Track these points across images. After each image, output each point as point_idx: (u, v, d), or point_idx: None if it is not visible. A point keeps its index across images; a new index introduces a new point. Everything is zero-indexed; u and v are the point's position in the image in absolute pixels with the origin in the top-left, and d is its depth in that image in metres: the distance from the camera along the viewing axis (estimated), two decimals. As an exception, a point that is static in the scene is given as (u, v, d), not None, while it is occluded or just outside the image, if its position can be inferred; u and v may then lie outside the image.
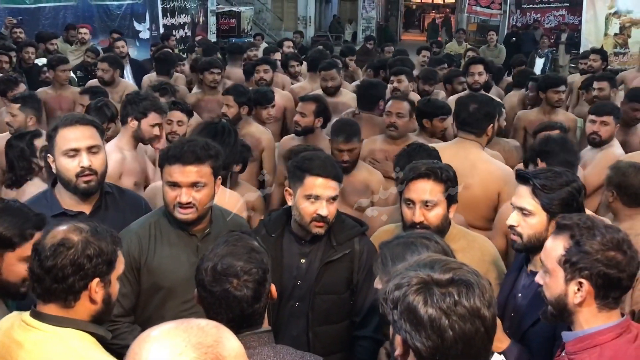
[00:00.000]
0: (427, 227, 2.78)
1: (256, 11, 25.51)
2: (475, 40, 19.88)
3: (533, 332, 2.48)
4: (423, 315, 1.49)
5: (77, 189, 2.88)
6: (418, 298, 1.51)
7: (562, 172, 2.61)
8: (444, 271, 1.56)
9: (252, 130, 5.09)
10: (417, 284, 1.53)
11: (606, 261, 1.95)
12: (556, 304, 2.05)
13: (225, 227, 2.89)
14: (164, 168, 2.74)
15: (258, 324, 2.06)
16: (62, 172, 2.88)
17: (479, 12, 21.48)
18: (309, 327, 2.86)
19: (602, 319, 2.01)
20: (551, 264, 2.05)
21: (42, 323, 1.99)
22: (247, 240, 2.12)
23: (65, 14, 12.34)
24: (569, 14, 17.98)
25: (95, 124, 3.01)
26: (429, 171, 2.81)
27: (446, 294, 1.51)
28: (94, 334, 2.04)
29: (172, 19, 16.11)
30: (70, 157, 2.85)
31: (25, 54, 8.15)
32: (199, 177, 2.70)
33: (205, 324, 1.39)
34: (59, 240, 2.00)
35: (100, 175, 2.94)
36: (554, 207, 2.49)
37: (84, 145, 2.87)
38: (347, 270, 2.88)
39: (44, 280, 1.99)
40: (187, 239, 2.81)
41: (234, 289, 1.97)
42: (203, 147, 2.75)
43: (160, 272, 2.76)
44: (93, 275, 2.01)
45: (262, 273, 2.03)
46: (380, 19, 29.88)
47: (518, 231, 2.57)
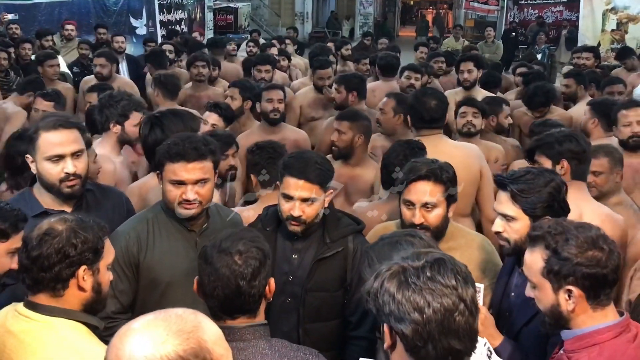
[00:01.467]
0: (427, 227, 2.76)
1: (253, 7, 25.48)
2: (473, 37, 19.87)
3: (526, 330, 2.47)
4: (401, 298, 1.53)
5: (60, 193, 2.84)
6: (394, 281, 1.56)
7: (540, 173, 2.57)
8: (417, 259, 1.61)
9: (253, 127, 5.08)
10: (392, 271, 1.58)
11: (587, 262, 1.94)
12: (551, 314, 2.05)
13: (222, 223, 2.92)
14: (165, 166, 2.71)
15: (253, 311, 2.07)
16: (44, 176, 2.83)
17: (477, 8, 21.50)
18: (299, 324, 2.85)
19: (598, 318, 2.00)
20: (535, 277, 2.04)
21: (35, 313, 2.03)
22: (253, 231, 2.26)
23: (62, 10, 12.29)
24: (566, 10, 17.97)
25: (79, 125, 2.97)
26: (429, 173, 2.78)
27: (420, 272, 1.55)
28: (87, 324, 2.07)
29: (169, 15, 16.09)
30: (54, 162, 2.80)
31: (22, 50, 8.11)
32: (203, 174, 2.70)
33: (182, 312, 1.42)
34: (44, 230, 2.04)
35: (84, 179, 2.90)
36: (535, 210, 2.47)
37: (68, 151, 2.81)
38: (340, 268, 2.86)
39: (32, 270, 2.02)
40: (185, 234, 2.81)
41: (234, 262, 2.01)
42: (203, 142, 2.75)
43: (160, 267, 2.75)
44: (80, 263, 2.03)
45: (263, 256, 2.08)
46: (377, 15, 29.88)
47: (504, 237, 2.56)
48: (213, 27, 19.53)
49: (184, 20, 17.07)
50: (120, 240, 2.72)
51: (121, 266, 2.71)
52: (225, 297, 2.01)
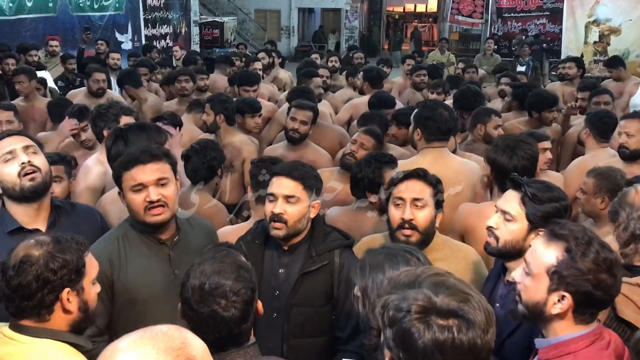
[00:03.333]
0: (415, 226, 2.76)
1: (239, 21, 25.55)
2: (458, 49, 20.02)
3: (510, 342, 2.46)
4: (419, 345, 1.47)
5: (23, 189, 2.79)
6: (417, 326, 1.47)
7: (555, 188, 2.60)
8: (449, 299, 1.51)
9: (234, 140, 5.06)
10: (417, 312, 1.49)
11: (595, 282, 1.93)
12: (532, 308, 2.03)
13: (193, 232, 2.88)
14: (122, 177, 2.69)
15: (244, 341, 2.03)
16: (4, 179, 2.80)
17: (461, 22, 21.65)
18: (283, 340, 2.81)
19: (576, 329, 2.00)
20: (537, 269, 2.00)
21: (20, 335, 1.99)
22: (235, 257, 2.08)
23: (46, 25, 12.24)
24: (549, 22, 18.14)
25: (25, 134, 3.00)
26: (419, 172, 2.84)
27: (445, 328, 1.47)
28: (74, 344, 2.03)
29: (154, 30, 16.09)
30: (7, 161, 2.79)
31: (6, 66, 8.06)
32: (161, 173, 2.69)
33: (167, 329, 1.40)
34: (20, 257, 1.99)
35: (45, 174, 2.86)
36: (537, 218, 2.47)
37: (18, 146, 2.82)
38: (326, 283, 2.82)
39: (14, 299, 1.98)
40: (157, 248, 2.77)
41: (222, 309, 1.94)
42: (155, 147, 2.79)
43: (135, 286, 2.71)
44: (62, 287, 1.99)
45: (251, 292, 2.00)
46: (363, 29, 30.01)
47: (496, 234, 2.56)
48: (199, 42, 19.55)
49: (170, 34, 17.07)
50: None
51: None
52: (216, 339, 1.94)
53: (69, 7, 13.03)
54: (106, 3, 14.28)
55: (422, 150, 3.90)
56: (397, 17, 38.44)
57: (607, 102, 6.04)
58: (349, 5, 28.09)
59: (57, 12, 12.70)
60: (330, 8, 28.76)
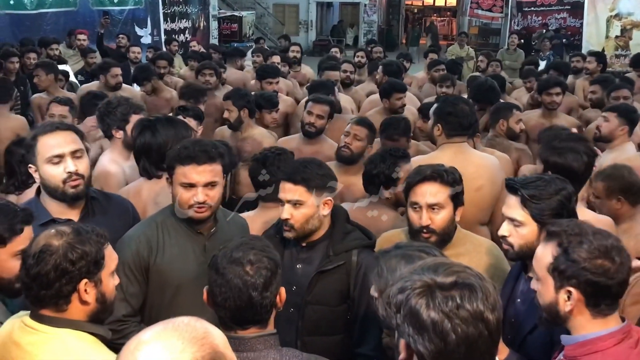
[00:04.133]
0: (433, 230, 2.76)
1: (258, 16, 25.59)
2: (477, 44, 19.89)
3: (532, 338, 2.46)
4: (426, 319, 1.48)
5: (65, 195, 2.83)
6: (421, 301, 1.50)
7: (552, 180, 2.55)
8: (447, 274, 1.54)
9: (254, 134, 5.08)
10: (420, 287, 1.52)
11: (594, 269, 1.93)
12: (548, 310, 2.05)
13: (229, 226, 2.93)
14: (175, 169, 2.73)
15: (264, 321, 2.06)
16: (47, 179, 2.83)
17: (481, 16, 21.49)
18: (297, 336, 2.82)
19: (598, 325, 1.99)
20: (541, 271, 2.04)
21: (41, 324, 2.01)
22: (263, 240, 2.23)
23: (67, 19, 12.33)
24: (570, 16, 17.95)
25: (75, 128, 2.99)
26: (434, 173, 2.79)
27: (449, 297, 1.49)
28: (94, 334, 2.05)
29: (173, 24, 16.15)
30: (55, 163, 2.81)
31: (27, 60, 8.14)
32: (213, 176, 2.73)
33: (187, 320, 1.40)
34: (40, 247, 2.01)
35: (87, 179, 2.91)
36: (544, 217, 2.44)
37: (67, 150, 2.82)
38: (342, 282, 2.81)
39: (32, 288, 2.01)
40: (194, 237, 2.82)
41: (246, 273, 2.01)
42: (212, 146, 2.80)
43: (170, 271, 2.77)
44: (79, 278, 2.01)
45: (274, 265, 2.07)
46: (381, 23, 29.91)
47: (509, 241, 2.54)
48: (217, 36, 19.60)
49: (188, 29, 17.12)
50: (131, 244, 2.75)
51: (132, 270, 2.73)
52: (236, 307, 2.00)
53: (89, 1, 13.11)
54: (126, -3, 14.36)
55: (442, 146, 3.87)
56: (416, 11, 38.26)
57: (626, 97, 5.88)
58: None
59: (77, 6, 12.78)
60: (349, 2, 28.73)
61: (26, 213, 2.38)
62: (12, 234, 2.29)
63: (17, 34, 10.86)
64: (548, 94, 5.86)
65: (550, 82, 6.07)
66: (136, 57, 9.05)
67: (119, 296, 2.56)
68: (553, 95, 5.85)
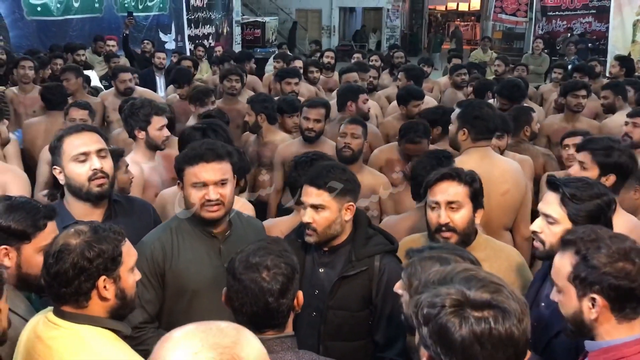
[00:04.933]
0: (453, 229, 2.75)
1: (280, 21, 25.66)
2: (501, 48, 19.74)
3: (556, 342, 2.43)
4: (456, 339, 1.45)
5: (89, 193, 2.88)
6: (452, 321, 1.46)
7: (594, 184, 2.55)
8: (481, 291, 1.50)
9: (275, 139, 5.12)
10: (452, 306, 1.48)
11: (615, 273, 1.91)
12: (573, 321, 2.02)
13: (244, 229, 2.93)
14: (185, 171, 2.75)
15: (281, 325, 2.07)
16: (72, 178, 2.88)
17: (505, 20, 21.35)
18: (319, 340, 2.82)
19: (624, 330, 1.96)
20: (561, 281, 2.01)
21: (63, 320, 2.06)
22: (281, 243, 2.23)
23: (92, 25, 12.50)
24: (595, 20, 17.76)
25: (99, 131, 3.05)
26: (452, 172, 2.81)
27: (482, 319, 1.46)
28: (115, 330, 2.09)
29: (197, 30, 16.29)
30: (81, 161, 2.86)
31: (54, 65, 8.26)
32: (223, 174, 2.75)
33: (225, 326, 1.40)
34: (59, 246, 2.06)
35: (111, 179, 2.95)
36: (580, 218, 2.43)
37: (93, 148, 2.88)
38: (364, 288, 2.80)
39: (53, 286, 2.06)
40: (209, 241, 2.83)
41: (262, 279, 2.01)
42: (219, 145, 2.83)
43: (186, 276, 2.78)
44: (98, 275, 2.05)
45: (291, 270, 2.07)
46: (404, 28, 29.84)
47: (541, 238, 2.53)
48: (241, 42, 19.72)
49: (212, 34, 17.26)
50: (146, 250, 2.75)
51: (147, 276, 2.73)
52: (253, 313, 2.01)
53: (114, 7, 13.29)
54: (150, 3, 14.51)
55: (468, 150, 3.83)
56: (439, 16, 38.12)
57: None
58: (390, 4, 27.94)
59: (103, 13, 12.96)
60: (372, 7, 28.68)
61: (48, 209, 2.44)
62: (35, 230, 2.34)
63: (43, 40, 11.05)
64: (574, 95, 5.83)
65: (578, 85, 6.04)
66: (161, 62, 9.12)
67: None
68: (579, 98, 5.82)
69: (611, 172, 3.13)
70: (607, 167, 3.13)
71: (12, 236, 2.32)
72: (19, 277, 2.35)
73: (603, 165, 3.14)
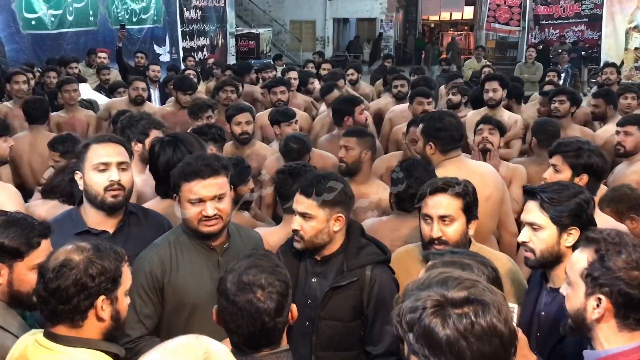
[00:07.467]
0: (445, 242, 2.74)
1: (275, 33, 25.74)
2: (494, 57, 19.86)
3: (560, 349, 2.42)
4: (441, 338, 1.46)
5: (103, 203, 2.89)
6: (435, 321, 1.47)
7: (569, 185, 2.62)
8: (459, 289, 1.52)
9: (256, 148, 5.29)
10: (433, 307, 1.49)
11: (628, 280, 1.90)
12: (575, 317, 2.02)
13: (242, 241, 2.92)
14: (181, 187, 2.74)
15: (277, 342, 2.05)
16: (90, 186, 2.90)
17: (498, 29, 21.46)
18: (311, 351, 2.80)
19: (623, 338, 1.95)
20: (574, 276, 2.01)
21: (55, 344, 2.01)
22: (271, 257, 2.17)
23: (87, 38, 12.53)
24: (588, 29, 17.88)
25: (125, 144, 3.06)
26: (445, 185, 2.78)
27: (462, 315, 1.47)
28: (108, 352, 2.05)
29: (191, 42, 16.33)
30: (101, 171, 2.89)
31: (47, 79, 8.27)
32: (219, 189, 2.73)
33: (186, 340, 1.39)
34: (60, 261, 2.02)
35: (127, 191, 2.96)
36: (563, 219, 2.49)
37: (114, 160, 2.91)
38: (355, 298, 2.78)
39: (50, 302, 2.01)
40: (207, 254, 2.81)
41: (257, 300, 1.98)
42: (215, 158, 2.81)
43: (185, 290, 2.75)
44: (97, 294, 2.02)
45: (286, 287, 2.04)
46: (398, 38, 29.95)
47: (530, 247, 2.55)
48: (235, 53, 19.77)
49: (207, 46, 17.30)
50: (144, 264, 2.73)
51: (146, 291, 2.71)
52: (250, 334, 1.99)
53: (108, 20, 13.32)
54: (145, 16, 14.56)
55: (442, 163, 3.72)
56: (432, 26, 38.27)
57: None
58: (384, 15, 28.05)
59: (97, 26, 13.00)
60: (366, 18, 28.80)
61: (43, 227, 2.40)
62: (29, 248, 2.31)
63: (38, 54, 11.08)
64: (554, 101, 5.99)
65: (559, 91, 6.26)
66: (156, 75, 9.13)
67: (133, 318, 2.58)
68: (557, 102, 5.95)
69: (583, 172, 3.28)
70: (579, 168, 3.28)
71: (5, 253, 2.29)
72: (10, 295, 2.32)
73: (575, 166, 3.28)
